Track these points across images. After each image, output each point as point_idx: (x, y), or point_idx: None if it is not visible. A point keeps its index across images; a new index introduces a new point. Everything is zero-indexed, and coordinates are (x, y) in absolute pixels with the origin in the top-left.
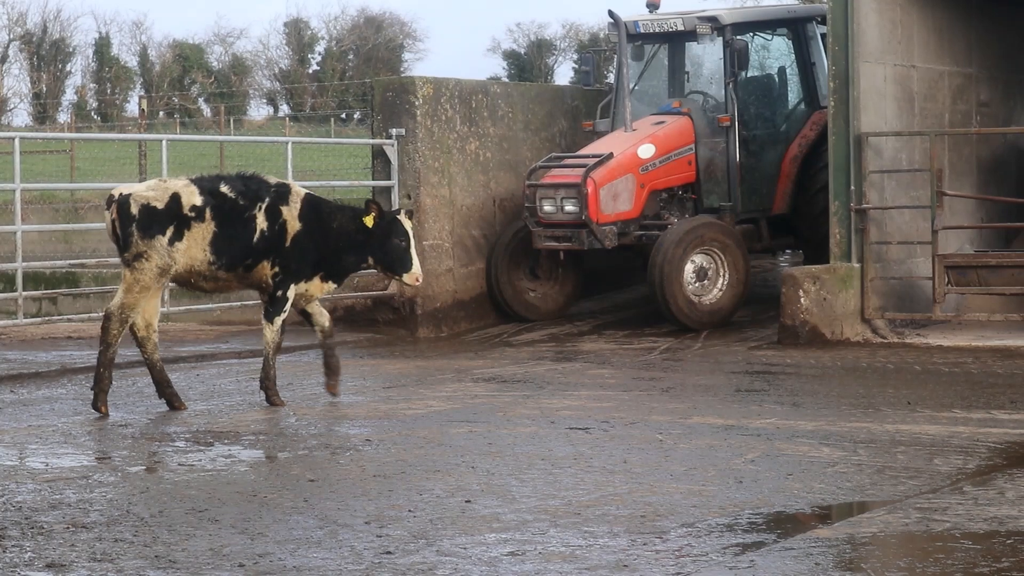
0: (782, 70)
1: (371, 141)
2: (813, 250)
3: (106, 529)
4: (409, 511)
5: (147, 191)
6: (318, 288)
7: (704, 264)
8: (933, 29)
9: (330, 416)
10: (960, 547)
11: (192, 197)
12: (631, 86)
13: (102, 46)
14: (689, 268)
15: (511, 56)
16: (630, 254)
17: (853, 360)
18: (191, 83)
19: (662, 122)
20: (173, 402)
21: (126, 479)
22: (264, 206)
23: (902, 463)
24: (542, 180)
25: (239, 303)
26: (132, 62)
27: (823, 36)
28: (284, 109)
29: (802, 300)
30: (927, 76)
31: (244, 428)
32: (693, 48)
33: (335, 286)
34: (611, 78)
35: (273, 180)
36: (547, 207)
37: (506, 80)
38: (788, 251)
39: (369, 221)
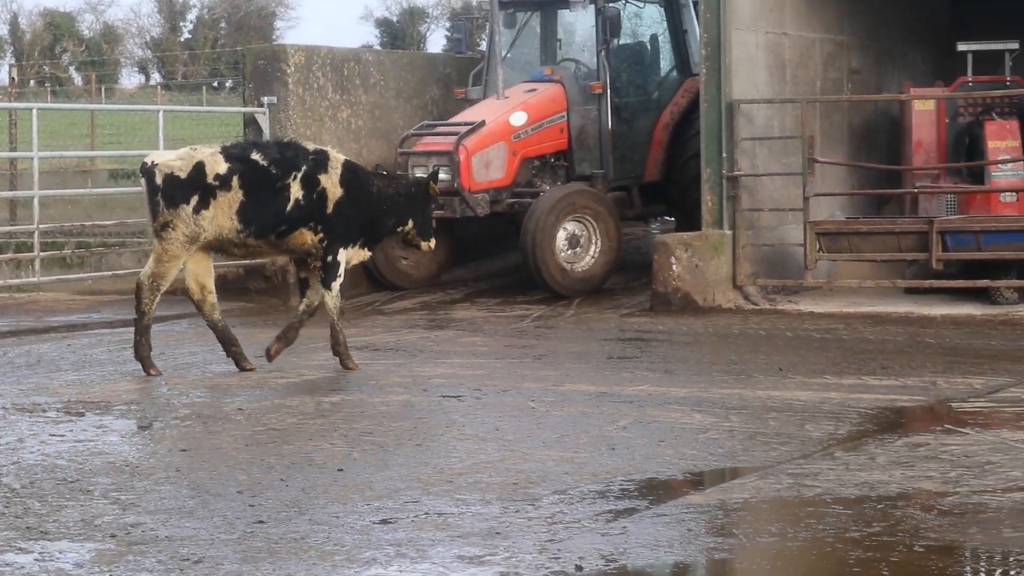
0: (654, 37)
1: (243, 109)
2: (685, 217)
3: None
4: (281, 480)
5: (174, 160)
6: (357, 254)
7: (576, 231)
8: None
9: (202, 385)
10: (831, 512)
11: (217, 166)
12: (503, 54)
13: None
14: (561, 235)
15: (384, 24)
16: (503, 222)
17: (725, 327)
18: (62, 51)
19: (534, 90)
20: (241, 363)
21: None
22: (300, 175)
23: (774, 429)
24: (414, 148)
25: (110, 272)
26: (2, 30)
27: (695, 3)
28: (156, 77)
29: (674, 267)
30: (799, 43)
31: (116, 398)
32: (565, 15)
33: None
34: (483, 46)
35: (311, 147)
36: (419, 175)
37: (378, 48)
38: (660, 218)
39: (435, 189)
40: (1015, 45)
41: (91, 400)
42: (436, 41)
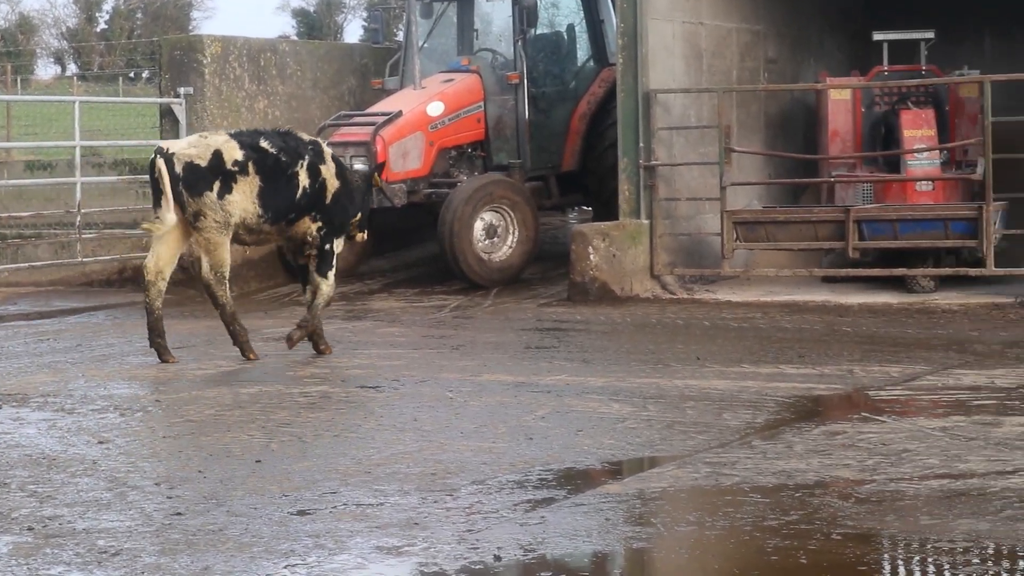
0: (571, 27)
1: (159, 100)
2: (602, 207)
3: None
4: (199, 472)
5: (189, 148)
6: (339, 245)
7: (494, 222)
8: None
9: (119, 377)
10: (749, 500)
11: (233, 152)
12: (420, 44)
13: None
14: (479, 226)
15: (300, 14)
16: (420, 212)
17: (642, 316)
18: None
19: (451, 80)
20: (163, 355)
21: None
22: (305, 164)
23: (691, 418)
24: (331, 138)
25: (27, 264)
26: None
27: None
28: (72, 68)
29: (591, 257)
30: (715, 33)
31: (32, 390)
32: (482, 5)
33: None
34: (400, 36)
35: (306, 137)
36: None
37: (295, 38)
38: (578, 208)
39: (377, 181)
40: (931, 34)
41: (7, 392)
42: (353, 31)
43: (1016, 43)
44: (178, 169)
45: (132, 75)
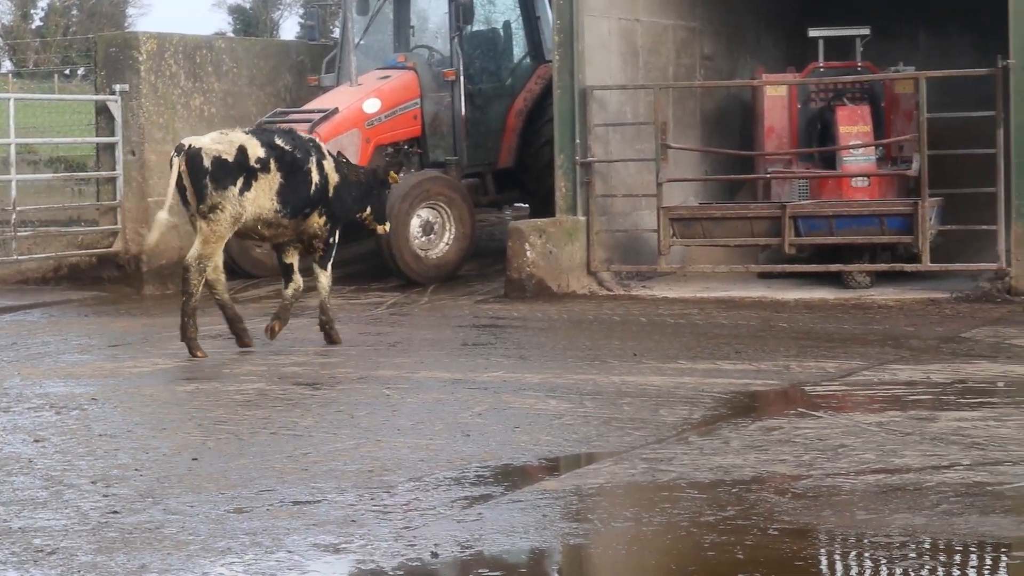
0: (507, 24)
1: (95, 97)
2: (539, 203)
3: None
4: (136, 470)
5: (215, 144)
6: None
7: (430, 218)
8: None
9: (55, 375)
10: (686, 496)
11: (256, 149)
12: (356, 40)
13: None
14: (415, 222)
15: (237, 11)
16: None
17: (579, 313)
18: None
19: (387, 76)
20: (242, 339)
21: None
22: (314, 160)
23: (628, 414)
24: None
25: None
26: None
27: None
28: (7, 65)
29: (528, 253)
30: (652, 30)
31: None
32: (419, 2)
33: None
34: (337, 33)
35: (305, 135)
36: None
37: (231, 35)
38: (514, 205)
39: (395, 178)
40: (866, 31)
41: None
42: (289, 28)
43: (951, 39)
44: (206, 163)
45: (68, 72)
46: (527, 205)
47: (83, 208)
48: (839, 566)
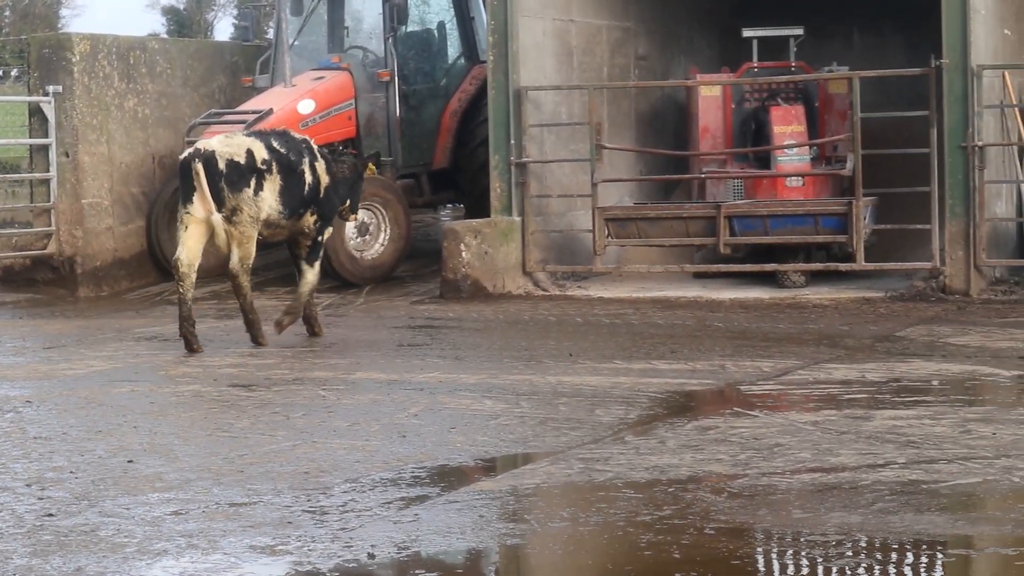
0: (442, 25)
1: (28, 99)
2: (475, 204)
3: None
4: (71, 472)
5: (226, 147)
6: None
7: (365, 219)
8: None
9: None
10: (622, 496)
11: (261, 152)
12: (291, 41)
13: None
14: (350, 224)
15: (170, 12)
16: None
17: (515, 313)
18: None
19: (322, 77)
20: (256, 338)
21: None
22: (307, 161)
23: (564, 414)
24: (202, 136)
25: None
26: None
27: None
28: None
29: (463, 254)
30: (586, 30)
31: None
32: (353, 3)
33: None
34: (271, 33)
35: (298, 136)
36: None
37: (165, 36)
38: (450, 205)
39: (372, 170)
40: (800, 31)
41: None
42: (223, 29)
43: (885, 39)
44: (221, 166)
45: (0, 74)
46: (462, 206)
47: (17, 210)
48: (775, 565)
